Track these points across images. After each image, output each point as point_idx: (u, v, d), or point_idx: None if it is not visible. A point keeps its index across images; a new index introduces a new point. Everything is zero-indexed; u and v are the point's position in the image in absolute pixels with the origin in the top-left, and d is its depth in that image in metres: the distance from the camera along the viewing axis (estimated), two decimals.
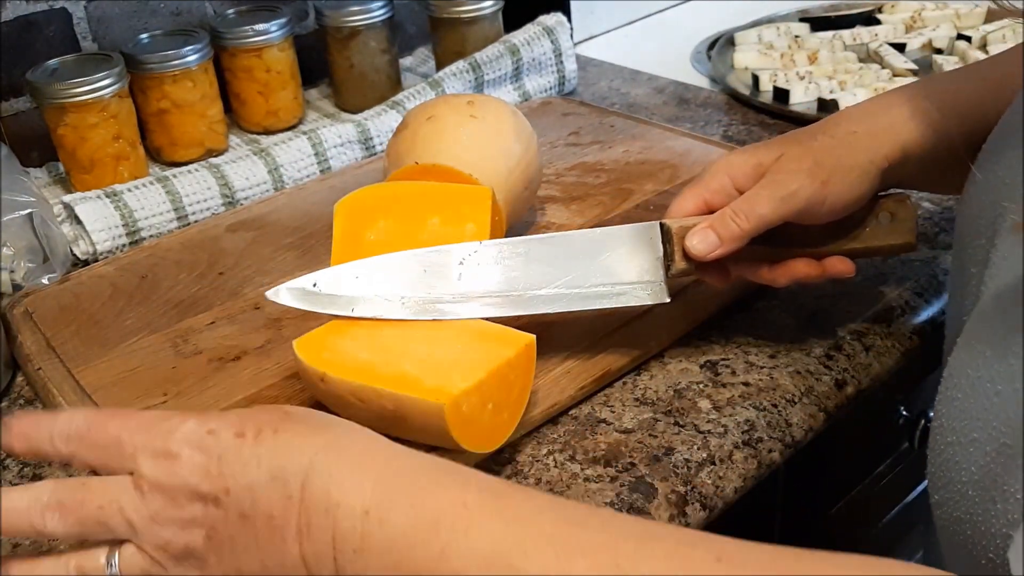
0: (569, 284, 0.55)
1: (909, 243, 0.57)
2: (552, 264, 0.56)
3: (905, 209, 0.57)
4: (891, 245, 0.57)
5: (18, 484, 0.55)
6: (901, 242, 0.57)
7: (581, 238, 0.57)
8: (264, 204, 0.82)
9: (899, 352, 0.62)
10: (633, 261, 0.56)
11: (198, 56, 0.88)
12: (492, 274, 0.56)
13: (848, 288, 0.66)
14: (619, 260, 0.56)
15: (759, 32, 1.12)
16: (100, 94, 0.81)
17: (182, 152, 0.91)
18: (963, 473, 0.38)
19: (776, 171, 0.54)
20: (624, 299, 0.56)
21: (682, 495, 0.52)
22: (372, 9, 0.95)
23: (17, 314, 0.69)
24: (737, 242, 0.54)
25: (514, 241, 0.57)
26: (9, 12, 0.87)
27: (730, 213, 0.54)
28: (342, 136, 0.88)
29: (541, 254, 0.56)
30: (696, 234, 0.54)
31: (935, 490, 0.41)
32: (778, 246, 0.56)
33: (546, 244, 0.57)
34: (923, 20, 1.11)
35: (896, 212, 0.57)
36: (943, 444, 0.40)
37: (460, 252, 0.56)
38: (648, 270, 0.56)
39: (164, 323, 0.66)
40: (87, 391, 0.60)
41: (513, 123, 0.69)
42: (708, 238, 0.54)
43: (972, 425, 0.38)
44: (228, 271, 0.72)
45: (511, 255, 0.56)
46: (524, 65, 0.98)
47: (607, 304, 0.56)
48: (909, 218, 0.57)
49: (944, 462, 0.40)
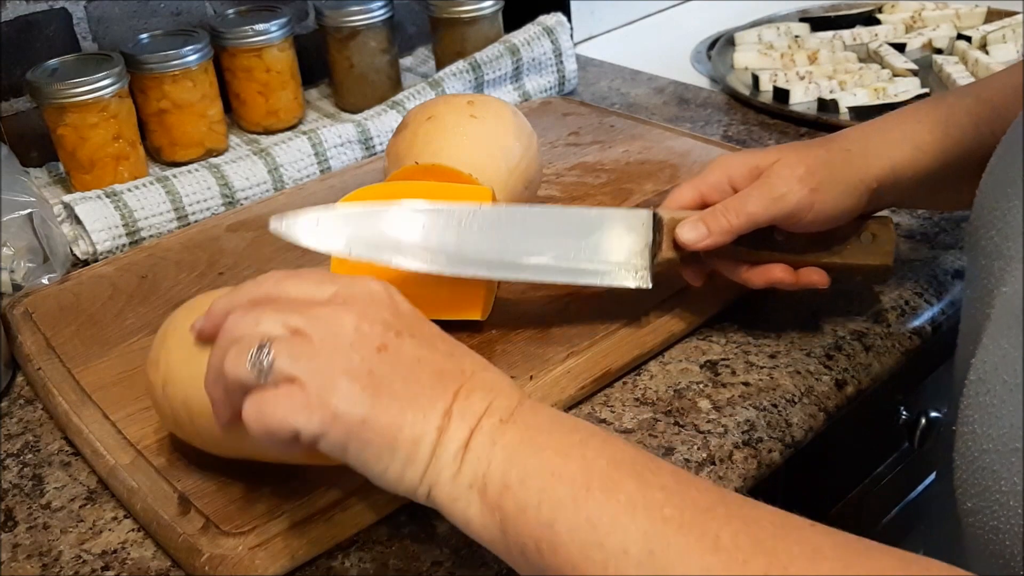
0: (558, 257, 0.57)
1: (886, 265, 0.59)
2: (545, 235, 0.57)
3: (886, 231, 0.59)
4: (869, 264, 0.59)
5: (18, 484, 0.55)
6: (878, 263, 0.59)
7: (576, 215, 0.59)
8: (264, 204, 0.82)
9: (899, 352, 0.62)
10: (623, 244, 0.58)
11: (198, 56, 0.88)
12: (489, 238, 0.57)
13: (848, 288, 0.66)
14: (610, 241, 0.58)
15: (759, 32, 1.12)
16: (100, 94, 0.81)
17: (182, 152, 0.91)
18: (1003, 483, 0.37)
19: (770, 174, 0.56)
20: (608, 279, 0.58)
21: None
22: (372, 9, 0.95)
23: (17, 314, 0.69)
24: (725, 236, 0.56)
25: (512, 209, 0.59)
26: (9, 12, 0.87)
27: (721, 209, 0.56)
28: (342, 136, 0.88)
29: (536, 225, 0.58)
30: (687, 224, 0.57)
31: (967, 498, 0.40)
32: (761, 249, 0.58)
33: (542, 216, 0.59)
34: (923, 20, 1.11)
35: (878, 233, 0.59)
36: (977, 451, 0.39)
37: (461, 213, 0.57)
38: (636, 254, 0.58)
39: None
40: (87, 391, 0.60)
41: (513, 123, 0.69)
42: (698, 229, 0.56)
43: (1013, 434, 0.37)
44: (228, 271, 0.72)
45: (508, 222, 0.58)
46: (524, 65, 0.98)
47: (591, 281, 0.58)
48: (889, 240, 0.59)
49: (979, 470, 0.39)
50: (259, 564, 0.47)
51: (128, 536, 0.52)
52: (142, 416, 0.57)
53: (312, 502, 0.50)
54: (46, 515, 0.53)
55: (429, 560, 0.48)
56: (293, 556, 0.48)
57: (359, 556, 0.49)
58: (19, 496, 0.55)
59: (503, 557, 0.40)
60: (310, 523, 0.49)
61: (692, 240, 0.56)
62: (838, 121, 0.90)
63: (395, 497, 0.50)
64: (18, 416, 0.62)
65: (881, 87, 0.94)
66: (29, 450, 0.59)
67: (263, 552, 0.47)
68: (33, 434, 0.60)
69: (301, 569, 0.48)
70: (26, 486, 0.56)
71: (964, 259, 0.69)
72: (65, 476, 0.56)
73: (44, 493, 0.55)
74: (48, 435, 0.60)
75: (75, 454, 0.58)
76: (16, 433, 0.60)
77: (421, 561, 0.48)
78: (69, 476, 0.56)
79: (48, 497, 0.55)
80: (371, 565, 0.48)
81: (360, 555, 0.49)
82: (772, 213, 0.55)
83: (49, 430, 0.60)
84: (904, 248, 0.70)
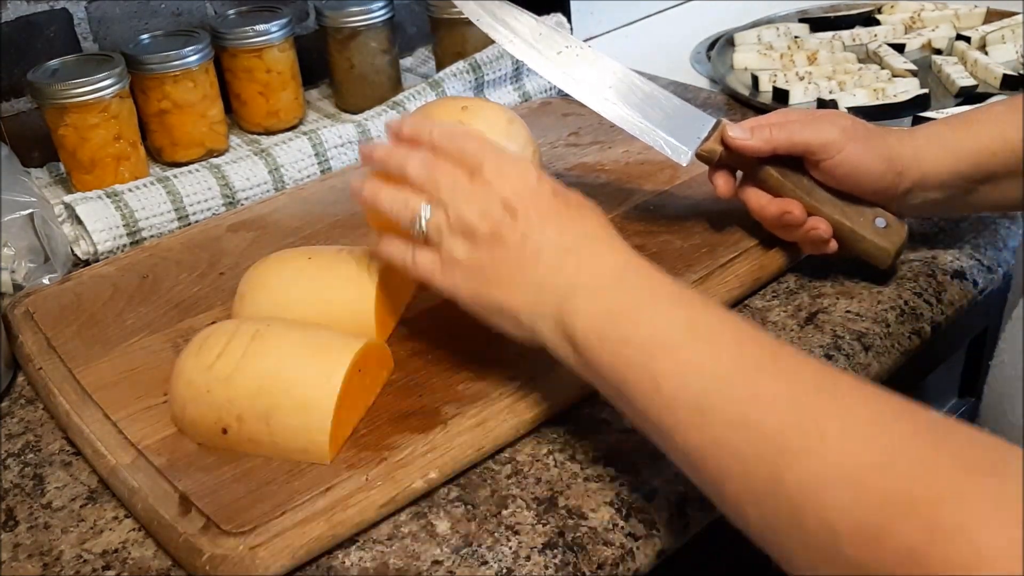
0: (621, 104, 0.68)
1: (887, 252, 0.64)
2: (616, 88, 0.69)
3: (899, 227, 0.64)
4: (873, 244, 0.63)
5: (19, 484, 0.56)
6: (882, 246, 0.63)
7: (650, 87, 0.69)
8: (265, 204, 0.82)
9: (898, 352, 0.63)
10: (677, 124, 0.67)
11: (199, 56, 0.88)
12: (579, 64, 0.69)
13: (848, 288, 0.66)
14: (668, 118, 0.68)
15: (759, 33, 1.12)
16: (101, 94, 0.81)
17: (183, 152, 0.91)
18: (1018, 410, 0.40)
19: (818, 114, 0.66)
20: (651, 139, 0.67)
21: (682, 495, 0.52)
22: (372, 10, 0.95)
23: (18, 314, 0.69)
24: (764, 143, 0.64)
25: (598, 55, 0.70)
26: (10, 12, 0.87)
27: (768, 122, 0.65)
28: (342, 136, 0.88)
29: (614, 80, 0.69)
30: (735, 126, 0.65)
31: (986, 424, 0.42)
32: (788, 180, 0.64)
33: (618, 75, 0.70)
34: (922, 20, 1.11)
35: (892, 224, 0.64)
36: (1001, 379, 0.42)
37: (560, 42, 0.69)
38: (685, 138, 0.67)
39: (165, 323, 0.67)
40: (88, 391, 0.60)
41: (506, 129, 0.69)
42: (744, 130, 0.65)
43: None
44: (229, 271, 0.72)
45: (591, 63, 0.69)
46: (524, 66, 0.98)
47: (636, 133, 0.68)
48: (898, 236, 0.64)
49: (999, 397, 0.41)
50: (260, 563, 0.47)
51: (129, 536, 0.52)
52: (143, 416, 0.57)
53: (313, 501, 0.50)
54: (47, 515, 0.54)
55: (429, 559, 0.48)
56: (293, 555, 0.48)
57: (359, 555, 0.49)
58: (20, 496, 0.55)
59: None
60: (310, 522, 0.49)
61: (736, 135, 0.64)
62: None
63: (396, 497, 0.51)
64: (19, 416, 0.62)
65: (880, 88, 0.94)
66: (30, 450, 0.59)
67: (263, 551, 0.47)
68: (34, 434, 0.60)
69: (301, 568, 0.48)
70: (27, 486, 0.56)
71: (963, 260, 0.69)
72: (66, 476, 0.56)
73: (45, 493, 0.55)
74: (49, 435, 0.60)
75: (76, 454, 0.58)
76: (17, 433, 0.60)
77: (421, 560, 0.48)
78: (70, 476, 0.56)
79: (49, 497, 0.55)
80: (371, 564, 0.49)
81: (360, 554, 0.49)
82: (806, 137, 0.62)
83: (50, 430, 0.60)
84: None
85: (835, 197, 0.64)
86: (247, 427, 0.53)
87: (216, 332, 0.56)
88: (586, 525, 0.50)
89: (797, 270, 0.69)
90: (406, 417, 0.55)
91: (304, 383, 0.53)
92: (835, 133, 0.62)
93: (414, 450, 0.53)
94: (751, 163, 0.65)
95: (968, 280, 0.68)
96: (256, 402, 0.52)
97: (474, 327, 0.53)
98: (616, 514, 0.50)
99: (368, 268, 0.61)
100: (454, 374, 0.59)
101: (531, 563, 0.48)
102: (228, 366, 0.53)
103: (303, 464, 0.52)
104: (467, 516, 0.51)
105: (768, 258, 0.68)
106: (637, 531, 0.50)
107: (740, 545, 0.41)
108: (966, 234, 0.72)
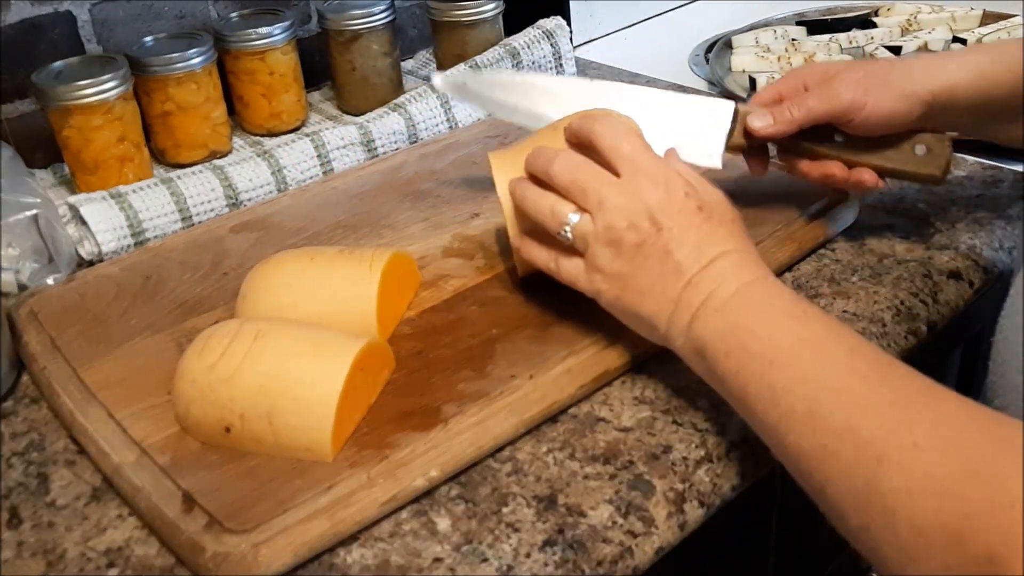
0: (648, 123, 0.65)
1: (935, 176, 0.64)
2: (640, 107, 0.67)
3: (941, 146, 0.64)
4: (919, 173, 0.65)
5: (24, 482, 0.56)
6: (928, 172, 0.64)
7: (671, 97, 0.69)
8: (267, 205, 0.83)
9: (894, 352, 0.63)
10: (702, 125, 0.67)
11: (202, 59, 0.88)
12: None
13: (845, 288, 0.67)
14: (694, 122, 0.67)
15: (756, 35, 1.12)
16: (105, 96, 0.81)
17: (186, 154, 0.91)
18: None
19: (833, 77, 0.63)
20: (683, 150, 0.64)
21: (680, 493, 0.52)
22: (374, 12, 0.95)
23: (22, 314, 0.69)
24: (787, 126, 0.64)
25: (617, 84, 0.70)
26: (14, 14, 0.87)
27: (787, 103, 0.64)
28: (344, 138, 0.89)
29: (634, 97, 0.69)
30: (756, 113, 0.65)
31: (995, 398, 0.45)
32: (822, 145, 0.65)
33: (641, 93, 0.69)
34: (919, 23, 1.12)
35: (932, 147, 0.64)
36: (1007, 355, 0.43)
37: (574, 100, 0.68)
38: (714, 139, 0.67)
39: (168, 323, 0.67)
40: (92, 390, 0.60)
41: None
42: (765, 118, 0.64)
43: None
44: (232, 271, 0.73)
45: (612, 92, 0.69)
46: (524, 68, 0.99)
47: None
48: (942, 154, 0.64)
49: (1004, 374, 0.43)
50: (262, 561, 0.47)
51: (132, 534, 0.52)
52: (146, 414, 0.58)
53: (315, 499, 0.50)
54: (51, 513, 0.54)
55: (430, 556, 0.49)
56: (296, 553, 0.48)
57: (361, 552, 0.50)
58: (24, 494, 0.55)
59: None
60: (313, 520, 0.49)
61: (759, 127, 0.64)
62: None
63: (397, 495, 0.51)
64: (23, 415, 0.63)
65: None
66: (34, 449, 0.59)
67: (266, 549, 0.48)
68: (38, 433, 0.61)
69: (304, 566, 0.49)
70: (31, 484, 0.56)
71: (959, 260, 0.70)
72: (70, 474, 0.57)
73: (49, 491, 0.56)
74: (53, 434, 0.60)
75: (80, 452, 0.58)
76: (21, 432, 0.61)
77: (423, 557, 0.49)
78: (74, 474, 0.57)
79: (53, 495, 0.55)
80: (373, 562, 0.49)
81: (362, 551, 0.50)
82: (827, 108, 0.62)
83: (54, 429, 0.61)
84: (899, 248, 0.71)
85: (870, 142, 0.64)
86: (250, 426, 0.53)
87: (219, 332, 0.57)
88: (585, 523, 0.50)
89: (793, 270, 0.70)
90: (407, 416, 0.56)
91: (306, 382, 0.53)
92: (852, 92, 0.61)
93: (415, 448, 0.53)
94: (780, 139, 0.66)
95: (964, 280, 0.69)
96: (259, 401, 0.53)
97: (474, 327, 0.53)
98: (615, 512, 0.51)
99: (370, 268, 0.62)
100: (454, 373, 0.59)
101: (531, 560, 0.48)
102: (231, 365, 0.54)
103: (305, 462, 0.53)
104: (468, 514, 0.51)
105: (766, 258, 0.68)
106: (636, 529, 0.50)
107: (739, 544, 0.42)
108: (962, 234, 0.72)
